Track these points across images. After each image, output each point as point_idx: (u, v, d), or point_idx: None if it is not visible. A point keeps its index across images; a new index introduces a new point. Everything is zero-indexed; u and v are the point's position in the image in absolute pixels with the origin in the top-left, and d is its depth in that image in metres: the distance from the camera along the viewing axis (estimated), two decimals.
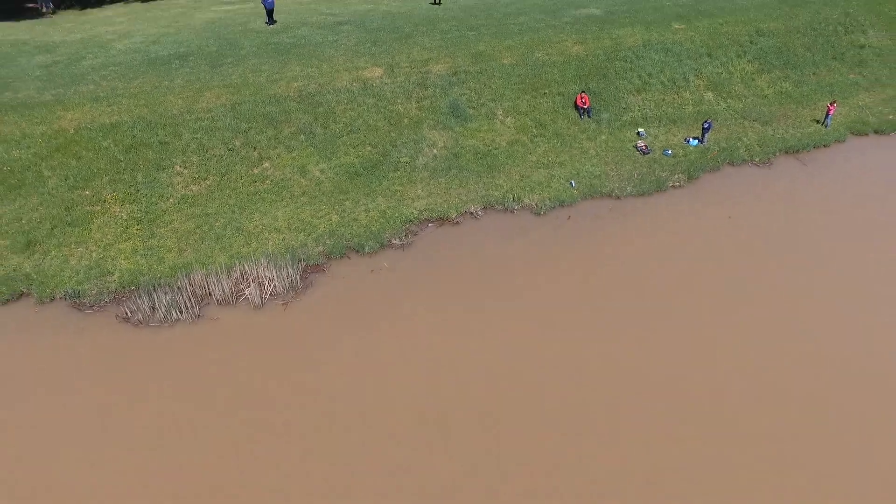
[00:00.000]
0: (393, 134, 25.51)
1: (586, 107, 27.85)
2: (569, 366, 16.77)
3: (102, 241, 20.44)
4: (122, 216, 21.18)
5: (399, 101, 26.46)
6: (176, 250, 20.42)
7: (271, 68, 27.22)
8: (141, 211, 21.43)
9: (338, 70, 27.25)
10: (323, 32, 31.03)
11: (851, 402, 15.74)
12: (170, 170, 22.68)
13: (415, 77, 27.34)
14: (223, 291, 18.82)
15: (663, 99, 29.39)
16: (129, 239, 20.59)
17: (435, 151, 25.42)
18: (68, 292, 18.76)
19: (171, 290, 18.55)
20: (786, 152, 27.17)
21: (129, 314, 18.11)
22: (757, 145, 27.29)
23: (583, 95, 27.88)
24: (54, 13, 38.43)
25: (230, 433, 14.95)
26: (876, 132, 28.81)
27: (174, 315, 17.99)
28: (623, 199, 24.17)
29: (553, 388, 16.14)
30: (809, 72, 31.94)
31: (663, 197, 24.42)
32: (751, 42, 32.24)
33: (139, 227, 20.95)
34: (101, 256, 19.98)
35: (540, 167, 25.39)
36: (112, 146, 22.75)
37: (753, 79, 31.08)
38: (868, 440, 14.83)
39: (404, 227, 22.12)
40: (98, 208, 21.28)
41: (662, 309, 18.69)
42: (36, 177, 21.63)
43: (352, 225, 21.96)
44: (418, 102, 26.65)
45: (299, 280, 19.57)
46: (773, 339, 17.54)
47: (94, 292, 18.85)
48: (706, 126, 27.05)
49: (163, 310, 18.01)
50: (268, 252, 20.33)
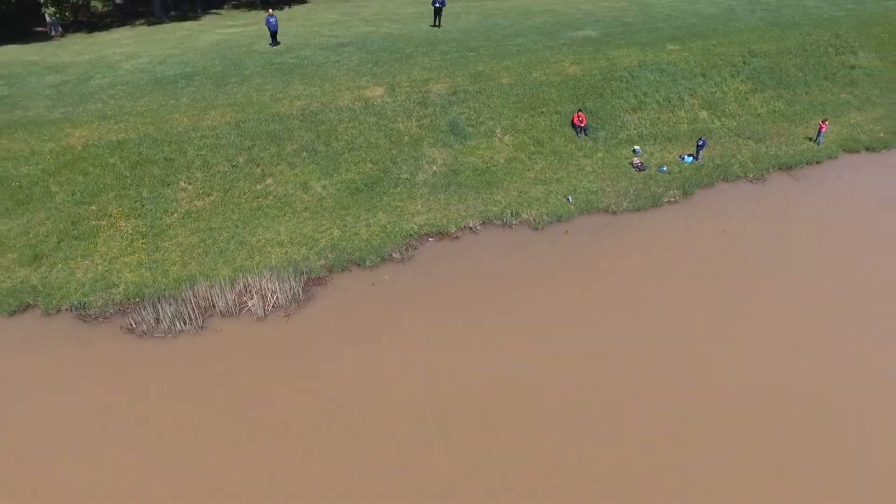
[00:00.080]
0: (393, 151, 26.04)
1: (583, 125, 28.43)
2: (566, 377, 17.01)
3: (108, 255, 20.82)
4: (128, 230, 21.59)
5: (400, 120, 27.04)
6: (180, 263, 20.79)
7: (275, 87, 27.87)
8: (146, 225, 21.85)
9: (340, 89, 27.89)
10: (325, 53, 31.76)
11: (844, 414, 15.94)
12: (175, 185, 23.16)
13: (415, 96, 27.96)
14: (226, 303, 19.14)
15: (658, 117, 30.00)
16: (135, 252, 20.98)
17: (435, 168, 25.93)
18: (74, 304, 19.08)
19: (176, 302, 18.87)
20: (779, 169, 27.70)
21: (134, 325, 18.41)
22: (751, 162, 27.82)
23: (580, 114, 28.48)
24: (63, 36, 39.34)
25: (230, 433, 15.16)
26: (867, 149, 29.38)
27: (178, 326, 18.29)
28: (619, 215, 24.60)
29: (551, 393, 16.37)
30: (801, 91, 32.64)
31: (659, 212, 24.85)
32: (744, 62, 32.98)
33: (144, 241, 21.35)
34: (107, 269, 20.35)
35: (537, 183, 25.87)
36: (119, 162, 23.26)
37: (747, 98, 31.75)
38: (860, 453, 15.03)
39: (404, 242, 22.51)
40: (104, 223, 21.69)
41: (658, 324, 18.91)
42: (44, 192, 22.10)
43: (353, 239, 22.36)
44: (418, 121, 27.24)
45: (301, 292, 19.89)
46: (767, 355, 17.71)
47: (100, 304, 19.18)
48: (701, 143, 27.62)
49: (167, 321, 18.31)
50: (270, 265, 20.69)
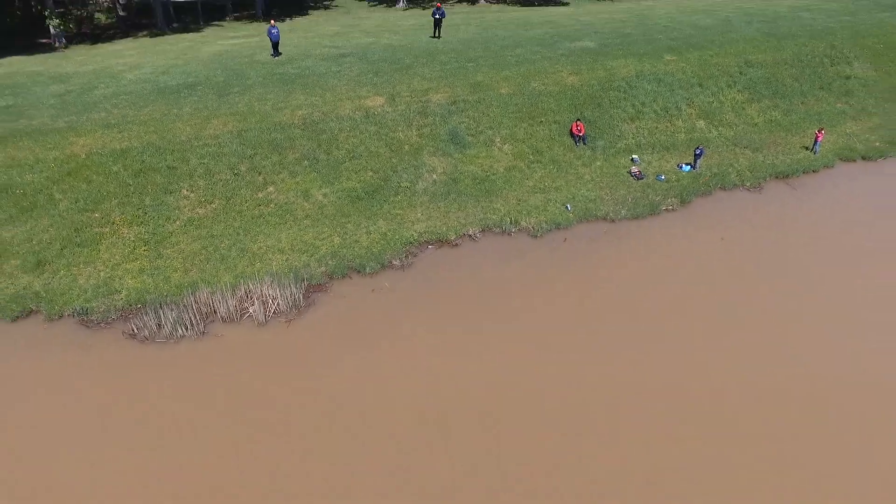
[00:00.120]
0: (394, 160, 26.30)
1: (581, 134, 28.71)
2: (565, 382, 17.12)
3: (110, 262, 21.00)
4: (130, 237, 21.79)
5: (400, 129, 27.32)
6: (182, 270, 20.96)
7: (276, 97, 28.18)
8: (148, 232, 22.05)
9: (341, 99, 28.19)
10: (326, 64, 32.12)
11: (841, 419, 16.05)
12: (177, 193, 23.38)
13: (415, 106, 28.26)
14: (228, 309, 19.30)
15: (656, 127, 30.29)
16: (137, 259, 21.16)
17: (434, 177, 26.17)
18: (76, 310, 19.24)
19: (177, 308, 19.04)
20: (776, 177, 27.94)
21: (136, 330, 18.56)
22: (748, 171, 28.07)
23: (578, 123, 28.78)
24: (66, 47, 39.77)
25: (230, 433, 15.27)
26: (864, 158, 29.64)
27: (180, 331, 18.44)
28: (617, 222, 24.80)
29: (550, 397, 16.49)
30: (798, 101, 32.97)
31: (657, 220, 25.06)
32: (740, 73, 33.34)
33: (146, 248, 21.53)
34: (109, 276, 20.52)
35: (536, 192, 26.10)
36: (122, 171, 23.50)
37: (744, 108, 32.07)
38: (856, 457, 15.12)
39: (404, 249, 22.70)
40: (107, 230, 21.89)
41: (656, 331, 18.99)
42: (47, 199, 22.32)
43: (353, 246, 22.55)
44: (418, 130, 27.52)
45: (302, 299, 20.06)
46: (764, 362, 17.79)
47: (102, 310, 19.33)
48: (698, 152, 27.88)
49: (169, 326, 18.46)
50: (271, 271, 20.86)
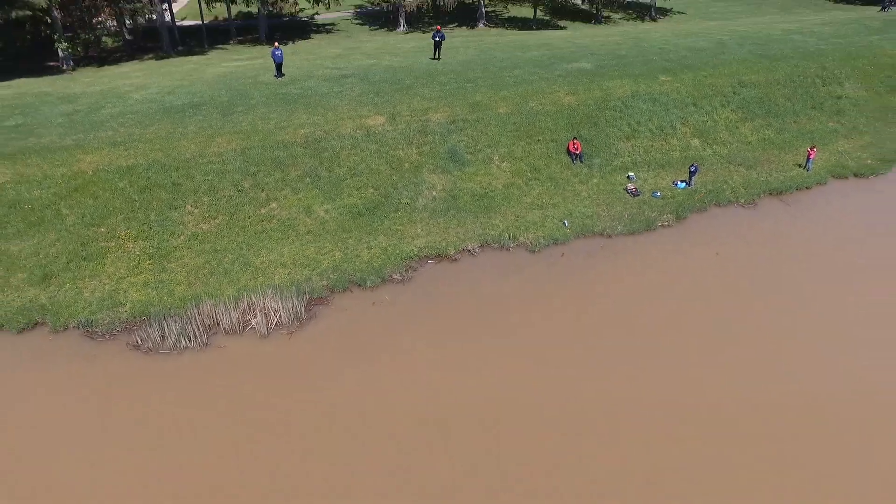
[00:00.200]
0: (394, 177, 26.80)
1: (578, 152, 29.27)
2: (562, 394, 17.37)
3: (115, 275, 21.37)
4: (135, 252, 22.19)
5: (400, 147, 27.88)
6: (185, 284, 21.32)
7: (279, 116, 28.79)
8: (153, 247, 22.45)
9: (342, 118, 28.80)
10: (328, 84, 32.83)
11: (833, 433, 16.28)
12: (181, 209, 23.84)
13: (415, 125, 28.87)
14: (230, 321, 19.62)
15: (652, 145, 30.87)
16: (141, 273, 21.53)
17: (434, 193, 26.65)
18: (81, 321, 19.57)
19: (181, 320, 19.35)
20: (770, 194, 28.44)
21: (140, 342, 18.86)
22: (742, 187, 28.57)
23: (575, 142, 29.36)
24: (74, 70, 40.65)
25: (231, 438, 15.50)
26: (855, 175, 30.20)
27: (183, 343, 18.74)
28: (614, 238, 25.21)
29: (548, 407, 16.73)
30: (790, 120, 33.63)
31: (653, 236, 25.48)
32: (734, 93, 34.05)
33: (151, 262, 21.92)
34: (114, 289, 20.87)
35: (534, 208, 26.56)
36: (127, 187, 23.99)
37: (737, 126, 32.70)
38: (848, 469, 15.34)
39: (405, 264, 23.08)
40: (112, 244, 22.30)
41: (652, 345, 19.30)
42: (55, 214, 22.77)
43: (354, 261, 22.93)
44: (418, 148, 28.08)
45: (304, 311, 20.38)
46: (757, 376, 18.05)
47: (106, 322, 19.66)
48: (693, 170, 28.41)
49: (172, 338, 18.77)
50: (274, 285, 21.21)
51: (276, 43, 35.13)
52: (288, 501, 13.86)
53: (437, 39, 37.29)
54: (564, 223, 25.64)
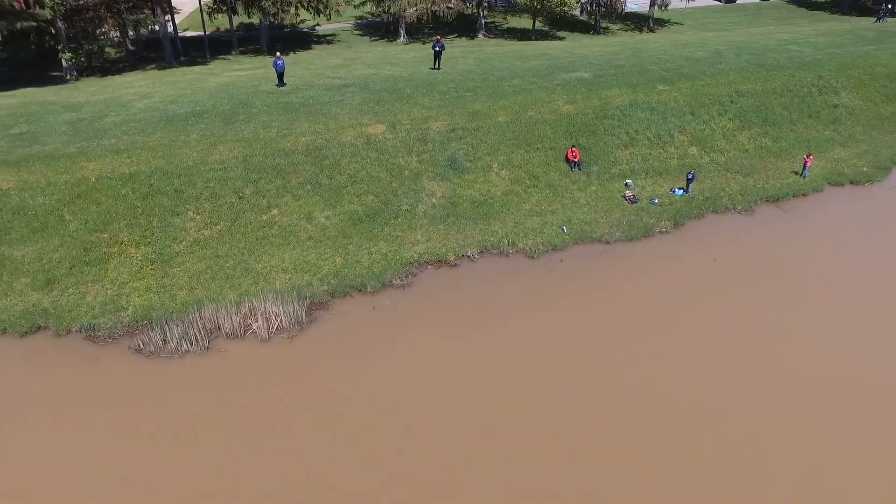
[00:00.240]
0: (394, 184, 27.05)
1: (577, 160, 29.54)
2: (561, 398, 17.50)
3: (118, 280, 21.56)
4: (138, 257, 22.39)
5: (400, 155, 28.16)
6: (187, 288, 21.50)
7: (281, 125, 29.10)
8: (155, 252, 22.65)
9: (343, 126, 29.11)
10: (329, 93, 33.17)
11: (831, 435, 16.41)
12: (183, 215, 24.06)
13: (415, 133, 29.16)
14: (232, 325, 19.78)
15: (650, 153, 31.16)
16: (144, 278, 21.72)
17: (434, 200, 26.89)
18: (84, 325, 19.74)
19: (183, 324, 19.52)
20: (767, 201, 28.69)
21: (142, 345, 19.02)
22: (739, 195, 28.82)
23: (573, 150, 29.64)
24: (78, 80, 41.07)
25: (231, 436, 15.61)
26: (851, 182, 30.49)
27: (185, 346, 18.89)
28: (612, 244, 25.42)
29: (547, 411, 16.86)
30: (787, 128, 33.96)
31: (650, 242, 25.69)
32: (731, 102, 34.40)
33: (153, 268, 22.11)
34: (116, 293, 21.06)
35: (533, 215, 26.78)
36: (130, 193, 24.23)
37: (734, 135, 33.01)
38: (845, 473, 15.44)
39: (405, 269, 23.26)
40: (115, 250, 22.51)
41: (650, 350, 19.42)
42: (58, 220, 22.99)
43: (355, 266, 23.12)
44: (418, 156, 28.35)
45: (304, 316, 20.55)
46: (756, 381, 18.15)
47: (109, 326, 19.83)
48: (690, 177, 28.68)
49: (174, 341, 18.93)
50: (275, 289, 21.39)
51: (278, 53, 35.54)
52: (288, 502, 13.94)
53: (437, 50, 37.70)
54: (563, 229, 25.86)
